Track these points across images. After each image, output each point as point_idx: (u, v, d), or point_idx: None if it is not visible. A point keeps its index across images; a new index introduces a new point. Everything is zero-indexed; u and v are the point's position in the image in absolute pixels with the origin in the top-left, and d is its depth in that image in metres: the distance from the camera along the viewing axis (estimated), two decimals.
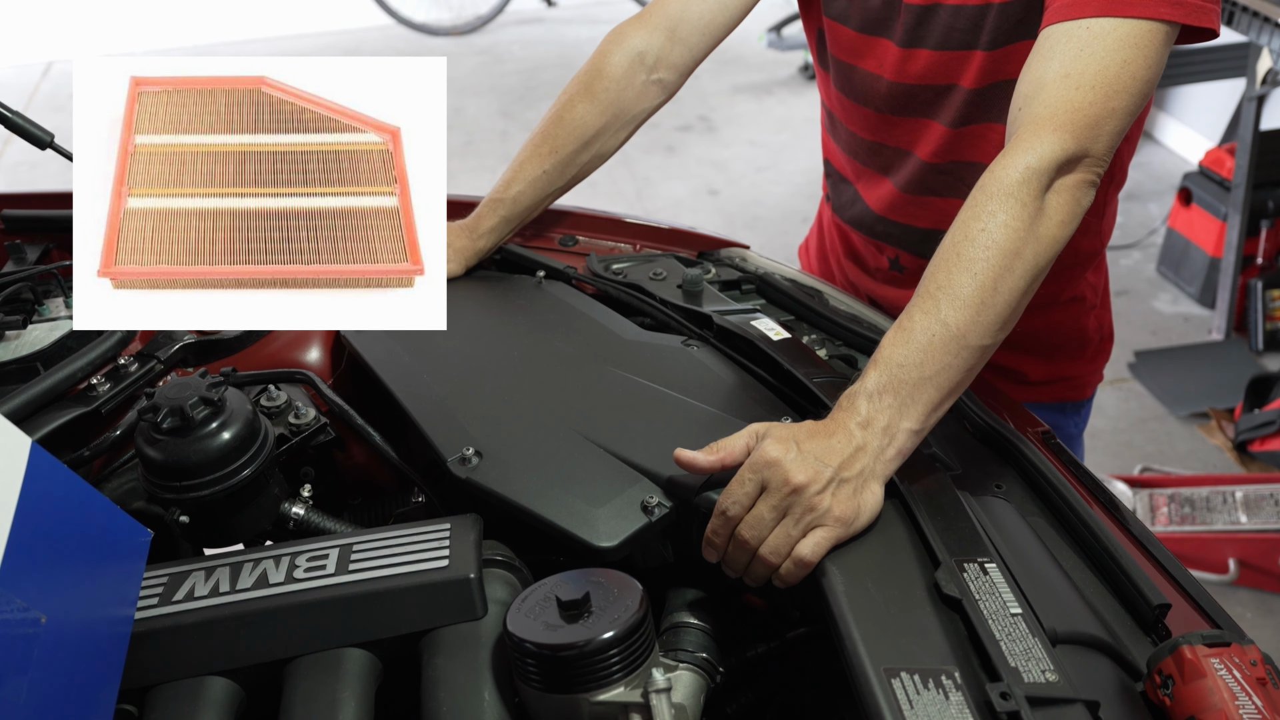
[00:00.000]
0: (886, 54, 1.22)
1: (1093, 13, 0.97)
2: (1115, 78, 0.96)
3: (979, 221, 0.92)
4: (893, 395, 0.87)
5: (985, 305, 0.89)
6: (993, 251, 0.90)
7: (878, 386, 0.88)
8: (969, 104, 1.20)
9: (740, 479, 0.85)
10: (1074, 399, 1.44)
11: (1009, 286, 0.91)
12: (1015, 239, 0.91)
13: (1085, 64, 0.96)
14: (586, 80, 1.30)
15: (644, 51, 1.29)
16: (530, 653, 0.78)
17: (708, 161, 4.57)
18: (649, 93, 1.32)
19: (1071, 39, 0.97)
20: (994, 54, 1.15)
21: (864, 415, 0.87)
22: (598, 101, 1.29)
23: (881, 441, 0.86)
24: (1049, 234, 0.93)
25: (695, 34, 1.30)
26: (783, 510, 0.84)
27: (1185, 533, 2.46)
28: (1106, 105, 0.95)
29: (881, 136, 1.30)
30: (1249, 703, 0.70)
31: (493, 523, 0.93)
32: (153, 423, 0.93)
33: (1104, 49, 0.96)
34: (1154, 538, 0.91)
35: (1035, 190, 0.92)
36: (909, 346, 0.89)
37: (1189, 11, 0.98)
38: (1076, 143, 0.94)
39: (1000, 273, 0.90)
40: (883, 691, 0.70)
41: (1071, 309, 1.37)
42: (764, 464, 0.84)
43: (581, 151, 1.30)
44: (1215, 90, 3.95)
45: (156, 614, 0.83)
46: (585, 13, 6.27)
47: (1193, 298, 3.46)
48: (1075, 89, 0.95)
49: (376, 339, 1.15)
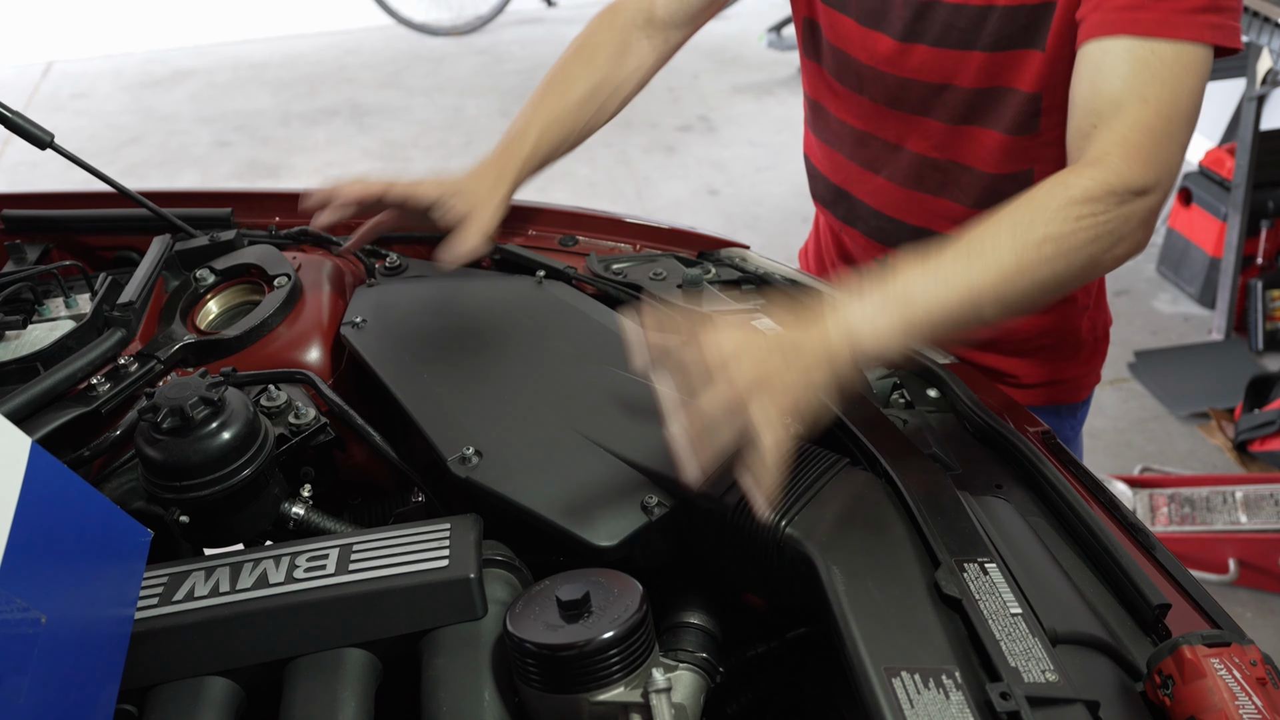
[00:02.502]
0: (881, 46, 1.23)
1: (1154, 32, 0.99)
2: (1186, 109, 0.99)
3: (1051, 208, 0.93)
4: (886, 318, 0.89)
5: (1013, 283, 0.91)
6: (1049, 244, 0.92)
7: (877, 309, 0.89)
8: (967, 104, 1.20)
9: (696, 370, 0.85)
10: (1069, 401, 1.43)
11: (1044, 276, 0.92)
12: (1075, 241, 0.93)
13: (1160, 91, 0.98)
14: (581, 42, 1.34)
15: (639, 10, 1.33)
16: (530, 653, 0.78)
17: (708, 161, 4.57)
18: (643, 50, 1.34)
19: (1139, 61, 0.99)
20: (994, 56, 1.15)
21: (845, 323, 0.88)
22: (594, 62, 1.32)
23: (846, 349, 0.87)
24: (1110, 254, 0.96)
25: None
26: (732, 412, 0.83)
27: (1185, 533, 2.46)
28: (1180, 138, 0.99)
29: (873, 127, 1.30)
30: (1249, 703, 0.70)
31: (493, 523, 0.93)
32: (153, 423, 0.93)
33: (1173, 76, 0.99)
34: (1154, 538, 0.91)
35: (1110, 207, 0.94)
36: (925, 283, 0.90)
37: (1230, 34, 1.01)
38: (1156, 174, 0.97)
39: (1042, 262, 0.92)
40: (883, 691, 0.70)
41: (1063, 310, 1.37)
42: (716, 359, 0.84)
43: (588, 99, 1.30)
44: (1215, 90, 3.94)
45: (156, 614, 0.83)
46: (585, 13, 6.22)
47: (1193, 298, 3.46)
48: (1155, 116, 0.98)
49: (377, 339, 1.15)
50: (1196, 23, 0.99)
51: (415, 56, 5.88)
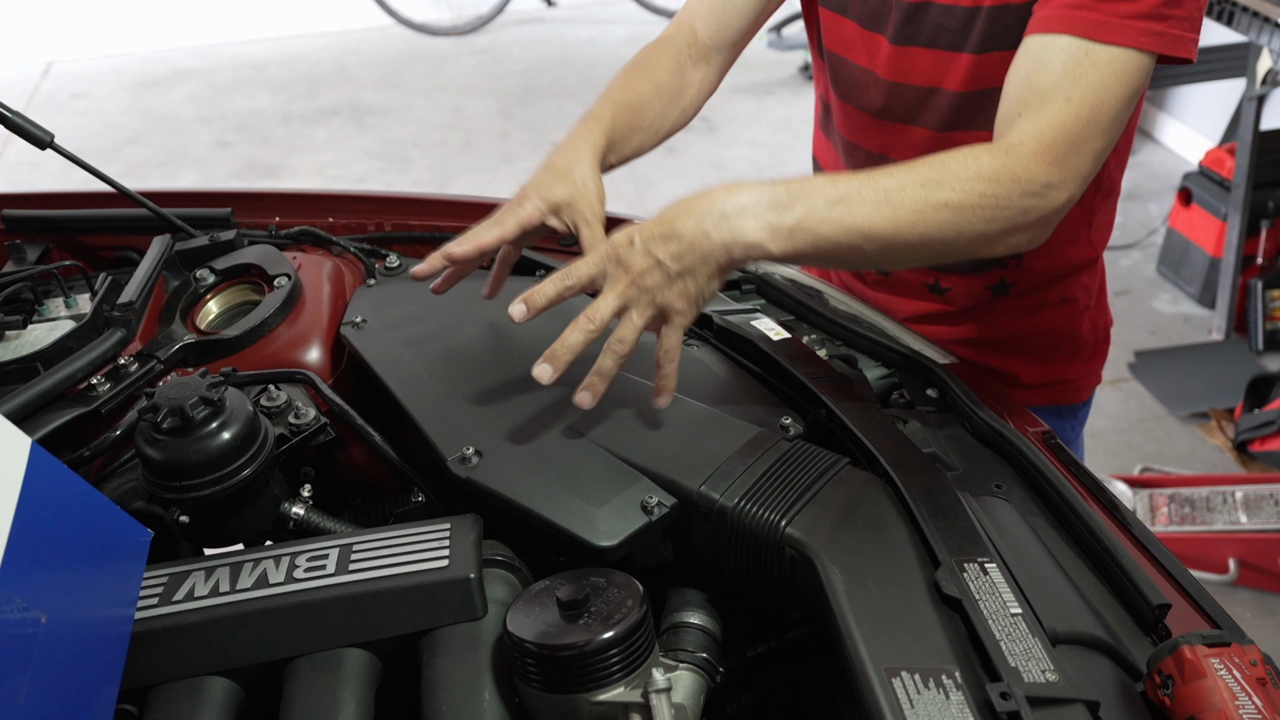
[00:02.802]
0: (879, 50, 1.23)
1: (1093, 35, 0.99)
2: (1109, 115, 1.00)
3: (956, 168, 0.96)
4: (776, 217, 0.92)
5: (902, 234, 0.94)
6: (947, 210, 0.94)
7: (769, 203, 0.92)
8: (954, 109, 1.20)
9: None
10: (1069, 402, 1.43)
11: (933, 237, 0.95)
12: (971, 215, 0.95)
13: (1085, 92, 0.99)
14: (634, 61, 1.29)
15: (690, 40, 1.31)
16: (530, 653, 0.78)
17: (708, 161, 4.57)
18: (697, 75, 1.31)
19: (1073, 60, 1.00)
20: (981, 58, 1.15)
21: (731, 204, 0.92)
22: (653, 69, 1.27)
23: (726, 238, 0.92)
24: (999, 239, 0.98)
25: (736, 17, 1.32)
26: (633, 301, 0.91)
27: (1185, 533, 2.46)
28: (1095, 145, 0.99)
29: (859, 138, 1.30)
30: (1249, 703, 0.70)
31: (493, 523, 0.93)
32: (153, 423, 0.93)
33: (1102, 81, 0.99)
34: (1154, 538, 0.91)
35: (1013, 194, 0.96)
36: (824, 202, 0.93)
37: (1172, 42, 1.01)
38: (1060, 176, 0.98)
39: (936, 224, 0.94)
40: (883, 691, 0.70)
41: (1063, 311, 1.37)
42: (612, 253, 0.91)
43: (653, 98, 1.24)
44: (1215, 90, 3.95)
45: (156, 614, 0.83)
46: (585, 13, 6.27)
47: (1193, 298, 3.46)
48: (1075, 118, 0.99)
49: (377, 339, 1.15)
50: (1135, 28, 0.99)
51: (415, 56, 5.89)
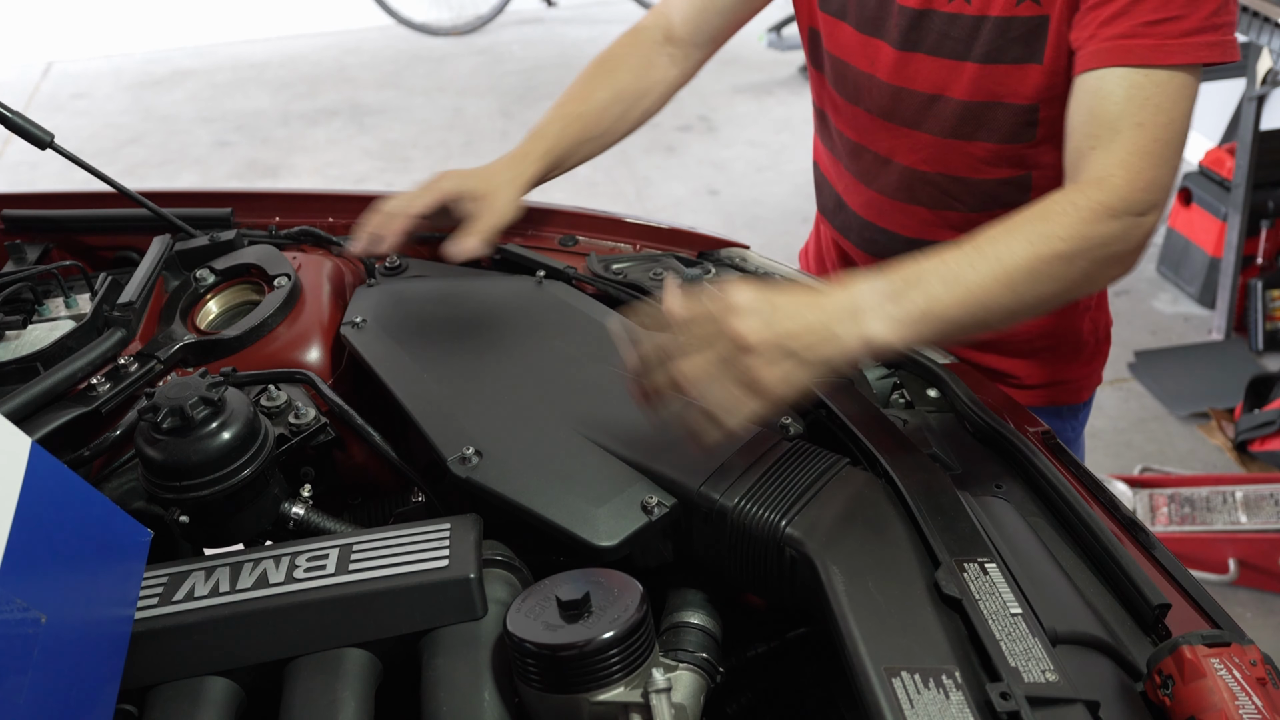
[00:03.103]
0: (880, 55, 1.23)
1: (1150, 60, 1.00)
2: (1179, 133, 1.01)
3: (1063, 216, 0.95)
4: (894, 304, 0.89)
5: (1018, 292, 0.92)
6: (1059, 261, 0.93)
7: (888, 295, 0.89)
8: (959, 117, 1.20)
9: (697, 319, 0.85)
10: (1070, 403, 1.43)
11: (1046, 289, 0.94)
12: (1081, 259, 0.95)
13: (1155, 116, 1.00)
14: (607, 55, 1.34)
15: (668, 28, 1.34)
16: (530, 653, 0.78)
17: (708, 161, 4.57)
18: (670, 64, 1.36)
19: (1135, 86, 1.00)
20: (986, 69, 1.15)
21: (851, 303, 0.88)
22: (617, 70, 1.33)
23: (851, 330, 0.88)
24: (1106, 272, 0.99)
25: (716, 15, 1.34)
26: (726, 367, 0.84)
27: (1185, 533, 2.46)
28: (1173, 162, 1.00)
29: (866, 140, 1.30)
30: (1249, 703, 0.70)
31: (493, 523, 0.93)
32: (153, 423, 0.93)
33: (1168, 100, 1.00)
34: (1154, 538, 0.91)
35: (1110, 224, 0.96)
36: (939, 280, 0.90)
37: (1226, 49, 1.02)
38: (1151, 196, 0.98)
39: (1049, 276, 0.93)
40: (883, 691, 0.70)
41: (1065, 312, 1.36)
42: (725, 311, 0.84)
43: (613, 103, 1.32)
44: (1215, 90, 3.95)
45: (156, 614, 0.83)
46: (585, 13, 6.27)
47: (1193, 298, 3.45)
48: (1152, 141, 0.99)
49: (377, 339, 1.15)
50: (1191, 45, 1.00)
51: (415, 56, 5.88)
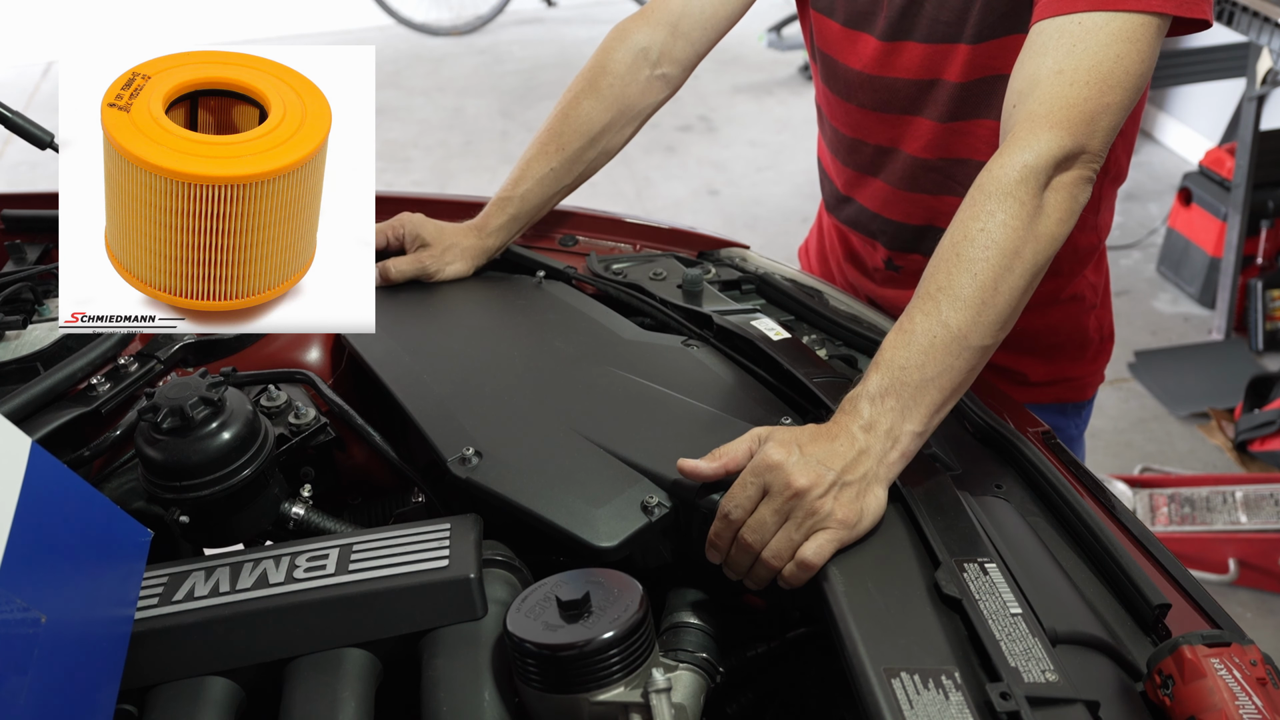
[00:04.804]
0: (866, 48, 1.22)
1: (1084, 7, 0.97)
2: (1109, 72, 0.96)
3: (978, 221, 0.92)
4: (895, 398, 0.87)
5: (986, 305, 0.90)
6: (992, 251, 0.91)
7: (880, 389, 0.88)
8: (957, 99, 1.20)
9: (743, 482, 0.85)
10: (1074, 400, 1.44)
11: (1009, 286, 0.91)
12: (1015, 238, 0.91)
13: (1079, 59, 0.96)
14: (590, 77, 1.31)
15: (647, 47, 1.31)
16: (530, 653, 0.78)
17: (708, 161, 4.57)
18: (653, 88, 1.33)
19: (1064, 34, 0.97)
20: (979, 48, 1.15)
21: (867, 418, 0.87)
22: (602, 98, 1.30)
23: (884, 445, 0.86)
24: (1048, 232, 0.93)
25: (697, 29, 1.31)
26: (785, 514, 0.83)
27: (1185, 533, 2.46)
28: (1101, 100, 0.96)
29: (862, 134, 1.30)
30: (1249, 703, 0.70)
31: (493, 523, 0.93)
32: (153, 423, 0.93)
33: (1097, 44, 0.96)
34: (1154, 538, 0.91)
35: (1033, 188, 0.93)
36: (910, 349, 0.89)
37: (1180, 3, 0.98)
38: (1073, 139, 0.94)
39: (1000, 272, 0.90)
40: (883, 691, 0.70)
41: (1071, 309, 1.37)
42: (766, 468, 0.84)
43: (588, 148, 1.31)
44: (1215, 90, 3.95)
45: (156, 614, 0.83)
46: (585, 13, 6.27)
47: (1193, 298, 3.45)
48: (1070, 85, 0.96)
49: (376, 339, 1.15)
50: None
51: (415, 56, 5.88)
